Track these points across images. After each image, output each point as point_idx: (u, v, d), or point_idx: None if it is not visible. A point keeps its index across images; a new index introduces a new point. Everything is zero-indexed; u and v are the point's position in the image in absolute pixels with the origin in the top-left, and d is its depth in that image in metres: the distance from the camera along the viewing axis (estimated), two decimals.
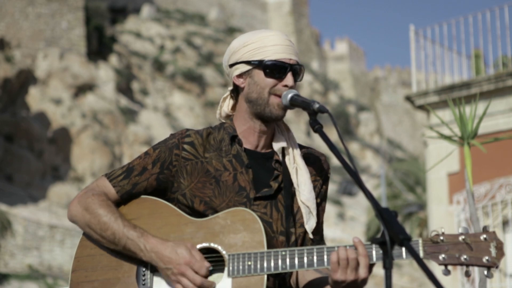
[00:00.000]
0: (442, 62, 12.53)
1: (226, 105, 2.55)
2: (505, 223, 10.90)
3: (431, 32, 12.64)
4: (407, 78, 73.04)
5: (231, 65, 2.49)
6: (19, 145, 36.37)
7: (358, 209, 45.66)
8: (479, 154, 7.27)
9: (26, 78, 39.87)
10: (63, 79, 41.04)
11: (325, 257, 2.23)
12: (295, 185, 2.44)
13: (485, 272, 2.19)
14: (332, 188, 49.04)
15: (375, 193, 29.24)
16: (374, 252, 2.21)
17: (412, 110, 31.31)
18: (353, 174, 2.13)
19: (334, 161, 53.24)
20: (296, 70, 2.44)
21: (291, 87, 2.41)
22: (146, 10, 58.10)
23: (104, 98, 41.86)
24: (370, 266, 2.20)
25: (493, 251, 2.16)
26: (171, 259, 2.28)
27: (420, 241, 2.20)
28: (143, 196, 2.45)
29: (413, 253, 1.94)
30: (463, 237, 2.18)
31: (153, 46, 53.63)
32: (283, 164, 2.47)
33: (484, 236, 2.18)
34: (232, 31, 62.09)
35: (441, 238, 2.19)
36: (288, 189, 2.44)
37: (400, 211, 25.83)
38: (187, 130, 2.48)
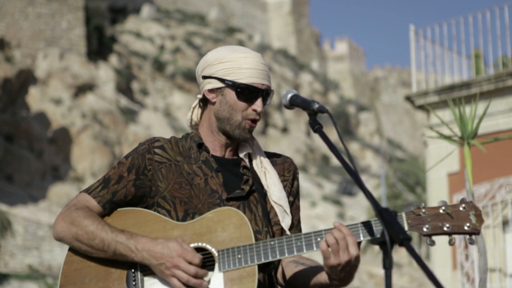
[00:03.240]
0: (442, 62, 12.53)
1: (196, 115, 2.60)
2: (505, 223, 10.89)
3: (431, 32, 12.64)
4: (407, 78, 73.03)
5: (204, 77, 2.53)
6: (19, 145, 36.37)
7: (358, 209, 45.64)
8: (479, 154, 7.27)
9: (26, 78, 39.86)
10: (63, 79, 41.04)
11: (313, 241, 2.27)
12: (265, 187, 2.50)
13: (468, 240, 2.29)
14: (332, 188, 49.02)
15: (375, 193, 29.24)
16: (360, 231, 2.26)
17: (412, 110, 31.30)
18: (353, 174, 2.13)
19: (334, 161, 53.24)
20: (268, 94, 2.50)
21: (259, 113, 2.48)
22: (146, 10, 58.08)
23: (104, 98, 41.86)
24: (358, 244, 2.26)
25: (473, 218, 2.27)
26: (163, 254, 2.29)
27: (404, 215, 2.29)
28: (125, 209, 2.46)
29: (413, 253, 1.94)
30: (443, 208, 2.28)
31: (153, 46, 53.61)
32: (251, 169, 2.53)
33: (463, 205, 2.29)
34: (232, 31, 62.10)
35: (423, 211, 2.29)
36: (259, 191, 2.50)
37: (400, 211, 25.86)
38: (155, 137, 2.53)
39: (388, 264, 1.99)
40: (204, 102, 2.56)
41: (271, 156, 2.60)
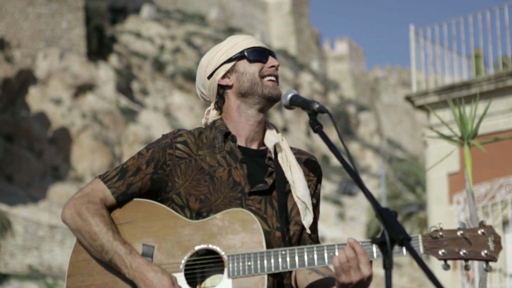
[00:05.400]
0: (442, 62, 12.53)
1: (212, 115, 2.57)
2: (505, 223, 10.89)
3: (431, 32, 12.64)
4: (407, 78, 73.06)
5: (210, 76, 2.52)
6: (19, 145, 36.37)
7: (358, 209, 45.66)
8: (479, 154, 7.27)
9: (26, 78, 39.87)
10: (63, 79, 41.04)
11: (326, 255, 2.23)
12: (290, 181, 2.45)
13: (484, 266, 2.22)
14: (332, 188, 49.03)
15: (375, 193, 29.22)
16: (374, 249, 2.21)
17: (412, 110, 31.29)
18: (353, 174, 2.13)
19: (334, 161, 53.29)
20: (274, 55, 2.53)
21: (278, 66, 2.52)
22: (146, 10, 58.10)
23: (104, 98, 41.86)
24: (370, 263, 2.20)
25: (491, 245, 2.20)
26: (152, 282, 2.27)
27: (420, 237, 2.23)
28: (137, 199, 2.43)
29: (413, 253, 1.94)
30: (461, 232, 2.21)
31: (153, 46, 53.63)
32: (276, 161, 2.48)
33: (482, 230, 2.21)
34: (232, 31, 62.08)
35: (440, 233, 2.22)
36: (282, 185, 2.45)
37: (400, 211, 25.83)
38: (179, 130, 2.49)
39: (388, 264, 1.98)
40: (221, 100, 2.54)
41: (296, 152, 2.56)
